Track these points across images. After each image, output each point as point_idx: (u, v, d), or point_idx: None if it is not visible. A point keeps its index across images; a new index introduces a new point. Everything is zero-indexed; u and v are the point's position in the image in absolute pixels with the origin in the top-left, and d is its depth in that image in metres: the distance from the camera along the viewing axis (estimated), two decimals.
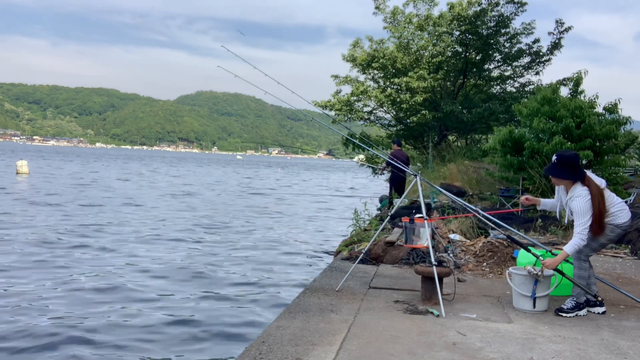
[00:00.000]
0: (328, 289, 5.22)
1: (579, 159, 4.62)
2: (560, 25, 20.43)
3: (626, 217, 4.53)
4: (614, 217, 4.51)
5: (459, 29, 20.35)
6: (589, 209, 4.37)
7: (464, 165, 16.31)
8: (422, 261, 6.12)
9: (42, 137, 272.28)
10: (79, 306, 7.34)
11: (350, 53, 21.93)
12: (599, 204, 4.39)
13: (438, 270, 4.67)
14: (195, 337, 6.44)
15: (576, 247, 4.37)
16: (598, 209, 4.38)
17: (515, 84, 22.43)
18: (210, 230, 15.00)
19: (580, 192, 4.43)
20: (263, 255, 11.80)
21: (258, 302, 8.06)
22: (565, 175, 4.53)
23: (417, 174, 5.44)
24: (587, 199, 4.38)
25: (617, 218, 4.51)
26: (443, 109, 20.11)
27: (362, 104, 22.42)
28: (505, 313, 4.58)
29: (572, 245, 4.37)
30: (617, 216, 4.51)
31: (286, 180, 48.72)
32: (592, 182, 4.48)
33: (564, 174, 4.53)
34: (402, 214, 7.92)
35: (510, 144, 11.43)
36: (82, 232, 13.33)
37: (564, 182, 4.59)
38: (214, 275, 9.60)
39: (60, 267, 9.57)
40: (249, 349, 3.50)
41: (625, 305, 4.94)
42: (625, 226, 4.57)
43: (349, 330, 3.96)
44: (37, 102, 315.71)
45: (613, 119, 10.96)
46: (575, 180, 4.50)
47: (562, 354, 3.58)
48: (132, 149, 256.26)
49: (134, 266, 9.98)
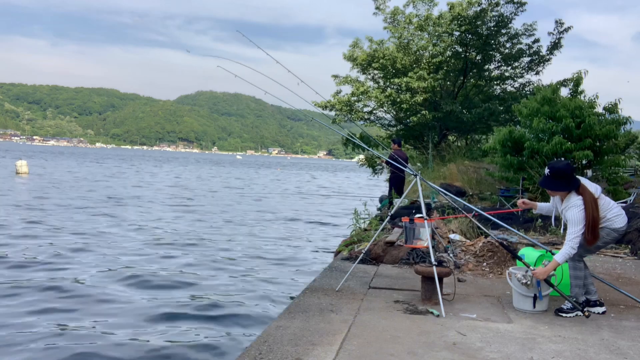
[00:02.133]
0: (328, 289, 5.23)
1: (572, 169, 4.59)
2: (560, 25, 20.45)
3: (622, 222, 4.53)
4: (611, 222, 4.51)
5: (459, 29, 20.34)
6: (583, 219, 4.38)
7: (464, 165, 16.32)
8: (422, 261, 6.13)
9: (42, 137, 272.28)
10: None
11: (350, 53, 21.94)
12: (592, 211, 4.38)
13: (438, 270, 4.67)
14: (195, 337, 6.44)
15: (567, 255, 4.39)
16: (592, 217, 4.38)
17: (515, 84, 22.44)
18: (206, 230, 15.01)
19: (574, 202, 4.43)
20: (262, 255, 11.80)
21: (258, 302, 8.06)
22: (559, 187, 4.52)
23: (417, 174, 5.44)
24: (581, 208, 4.39)
25: (614, 223, 4.51)
26: (443, 109, 20.11)
27: (362, 104, 22.43)
28: (505, 313, 4.58)
29: (563, 254, 4.39)
30: (614, 221, 4.51)
31: (286, 181, 48.72)
32: (587, 190, 4.48)
33: (558, 186, 4.52)
34: (402, 214, 7.93)
35: (510, 144, 11.43)
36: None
37: (559, 193, 4.59)
38: (210, 275, 9.60)
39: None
40: (249, 349, 3.50)
41: (625, 305, 4.94)
42: (622, 231, 4.57)
43: (349, 330, 3.96)
44: (37, 102, 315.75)
45: (613, 118, 10.96)
46: (570, 191, 4.49)
47: (562, 354, 3.58)
48: (132, 149, 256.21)
49: (132, 265, 9.99)
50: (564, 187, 4.50)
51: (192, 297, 8.13)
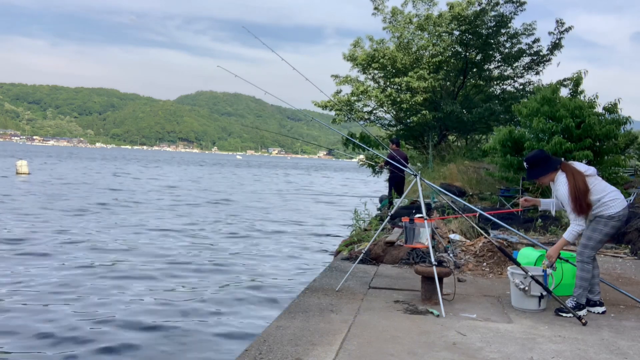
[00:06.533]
0: (328, 289, 5.22)
1: (544, 153, 4.77)
2: (560, 25, 20.44)
3: (619, 207, 4.44)
4: (606, 206, 4.44)
5: (458, 29, 20.36)
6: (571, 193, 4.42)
7: (464, 165, 16.33)
8: (422, 261, 6.13)
9: (42, 137, 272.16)
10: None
11: (351, 53, 21.95)
12: (575, 182, 4.40)
13: (438, 270, 4.67)
14: (194, 337, 6.44)
15: (574, 233, 4.41)
16: (575, 187, 4.38)
17: (516, 84, 22.46)
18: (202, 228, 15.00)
19: (560, 180, 4.50)
20: (261, 255, 11.80)
21: (258, 302, 8.06)
22: (541, 172, 4.64)
23: (417, 174, 5.44)
24: (565, 183, 4.44)
25: (609, 208, 4.43)
26: (443, 109, 20.11)
27: (362, 104, 22.44)
28: (505, 313, 4.58)
29: (570, 232, 4.41)
30: (609, 206, 4.43)
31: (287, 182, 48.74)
32: (569, 166, 4.55)
33: (540, 172, 4.65)
34: (402, 214, 7.93)
35: (510, 144, 11.43)
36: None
37: (547, 179, 4.67)
38: (210, 274, 9.60)
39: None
40: (249, 349, 3.50)
41: (625, 305, 4.94)
42: (620, 216, 4.45)
43: (349, 330, 3.96)
44: (37, 102, 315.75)
45: (613, 118, 10.96)
46: (555, 171, 4.56)
47: (562, 354, 3.58)
48: (132, 149, 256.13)
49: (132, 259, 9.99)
50: (544, 171, 4.62)
51: (192, 297, 8.13)
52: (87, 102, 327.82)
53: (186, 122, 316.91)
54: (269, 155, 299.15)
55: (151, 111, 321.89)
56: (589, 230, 4.52)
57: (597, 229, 4.48)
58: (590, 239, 4.51)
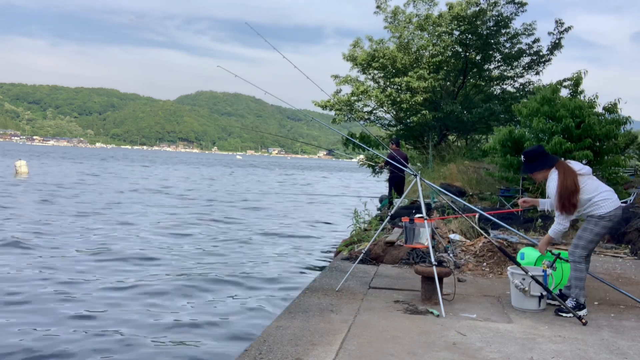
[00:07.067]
0: (328, 289, 5.23)
1: (542, 149, 4.78)
2: (560, 25, 20.45)
3: (610, 207, 4.40)
4: (596, 206, 4.42)
5: (458, 29, 20.37)
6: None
7: (464, 165, 16.33)
8: (422, 261, 6.13)
9: (42, 137, 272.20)
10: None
11: (351, 53, 21.96)
12: (564, 180, 4.40)
13: (438, 270, 4.67)
14: (194, 337, 6.44)
15: (557, 231, 4.45)
16: (562, 186, 4.39)
17: (516, 84, 22.48)
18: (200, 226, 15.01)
19: (551, 177, 4.53)
20: (261, 255, 11.80)
21: (258, 302, 8.06)
22: (537, 166, 4.66)
23: (417, 174, 5.44)
24: (555, 180, 4.46)
25: (600, 208, 4.41)
26: (443, 109, 20.12)
27: (362, 104, 22.44)
28: (505, 313, 4.58)
29: (553, 230, 4.48)
30: (600, 206, 4.41)
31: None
32: (562, 163, 4.56)
33: (535, 167, 4.67)
34: (402, 214, 7.93)
35: (510, 144, 11.43)
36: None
37: (540, 176, 4.68)
38: (210, 275, 9.60)
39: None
40: (249, 349, 3.50)
41: (625, 305, 4.95)
42: (611, 216, 4.41)
43: (349, 330, 3.96)
44: (37, 102, 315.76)
45: (613, 118, 10.96)
46: (549, 169, 4.58)
47: (562, 354, 3.58)
48: (132, 149, 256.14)
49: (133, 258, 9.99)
50: (540, 166, 4.64)
51: (191, 296, 8.13)
52: (87, 102, 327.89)
53: (186, 122, 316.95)
54: (269, 155, 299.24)
55: (151, 111, 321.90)
56: (580, 229, 4.55)
57: (587, 229, 4.49)
58: (580, 238, 4.51)
